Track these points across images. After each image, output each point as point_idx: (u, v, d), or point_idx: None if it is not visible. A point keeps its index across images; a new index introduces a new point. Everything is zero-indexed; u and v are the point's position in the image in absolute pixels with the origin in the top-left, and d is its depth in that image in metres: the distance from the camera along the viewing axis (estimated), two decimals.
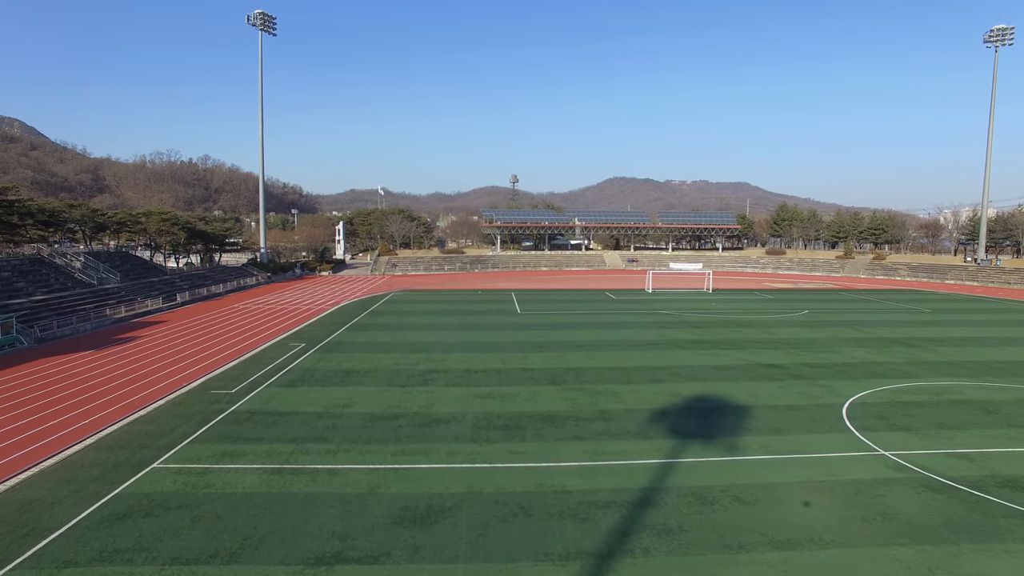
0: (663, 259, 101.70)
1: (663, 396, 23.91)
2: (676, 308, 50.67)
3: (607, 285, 72.05)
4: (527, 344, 34.28)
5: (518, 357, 30.86)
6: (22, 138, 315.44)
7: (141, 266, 56.57)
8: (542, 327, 40.50)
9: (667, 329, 39.88)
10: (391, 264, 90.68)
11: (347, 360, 29.98)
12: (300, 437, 18.81)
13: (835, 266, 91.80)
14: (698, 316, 46.05)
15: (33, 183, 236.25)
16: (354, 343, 34.53)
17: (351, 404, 22.43)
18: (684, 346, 34.15)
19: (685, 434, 19.43)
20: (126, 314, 41.08)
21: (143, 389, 24.10)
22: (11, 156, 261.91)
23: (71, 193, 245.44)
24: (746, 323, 42.93)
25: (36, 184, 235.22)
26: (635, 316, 46.03)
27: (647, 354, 31.83)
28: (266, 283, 68.86)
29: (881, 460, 17.27)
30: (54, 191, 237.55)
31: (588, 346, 33.86)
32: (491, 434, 19.31)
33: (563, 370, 28.10)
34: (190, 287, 54.27)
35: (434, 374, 27.17)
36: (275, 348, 32.93)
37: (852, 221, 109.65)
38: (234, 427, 19.72)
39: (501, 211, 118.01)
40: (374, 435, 19.06)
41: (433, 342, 34.85)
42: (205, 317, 43.76)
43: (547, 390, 24.67)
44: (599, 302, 55.20)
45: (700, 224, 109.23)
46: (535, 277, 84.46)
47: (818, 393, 24.56)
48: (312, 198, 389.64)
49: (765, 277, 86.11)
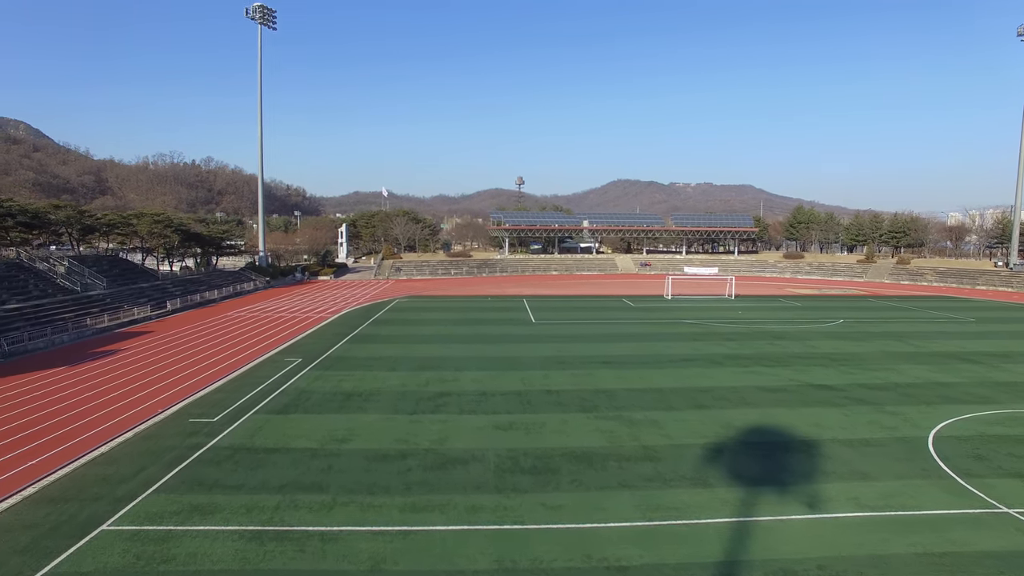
0: (677, 263, 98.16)
1: (712, 426, 20.60)
2: (701, 317, 47.27)
3: (622, 291, 68.63)
4: (547, 360, 30.97)
5: (539, 376, 27.56)
6: (25, 140, 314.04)
7: (131, 271, 53.34)
8: (561, 339, 37.19)
9: (699, 342, 36.50)
10: (395, 268, 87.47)
11: (347, 379, 26.73)
12: (289, 484, 15.57)
13: (857, 271, 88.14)
14: (728, 326, 42.63)
15: (35, 185, 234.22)
16: (355, 358, 31.27)
17: (351, 437, 19.18)
18: (722, 362, 30.78)
19: (752, 480, 16.12)
20: (109, 324, 37.92)
21: (110, 417, 20.86)
22: (13, 158, 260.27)
23: (73, 195, 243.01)
24: (781, 335, 39.52)
25: (38, 186, 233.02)
26: (660, 326, 42.66)
27: (683, 372, 28.48)
28: (264, 288, 65.60)
29: (1009, 522, 13.88)
30: (56, 193, 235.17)
31: (616, 362, 30.52)
32: (519, 480, 16.03)
33: (592, 392, 24.80)
34: (182, 293, 51.15)
35: (446, 398, 23.90)
36: (268, 364, 29.69)
37: (872, 224, 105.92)
38: (211, 469, 16.48)
39: (509, 213, 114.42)
40: (378, 481, 15.81)
41: (443, 357, 31.58)
42: (195, 327, 40.60)
43: (577, 418, 21.37)
44: (618, 310, 51.82)
45: (715, 227, 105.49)
46: (546, 282, 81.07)
47: (891, 423, 21.18)
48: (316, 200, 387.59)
49: (785, 282, 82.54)
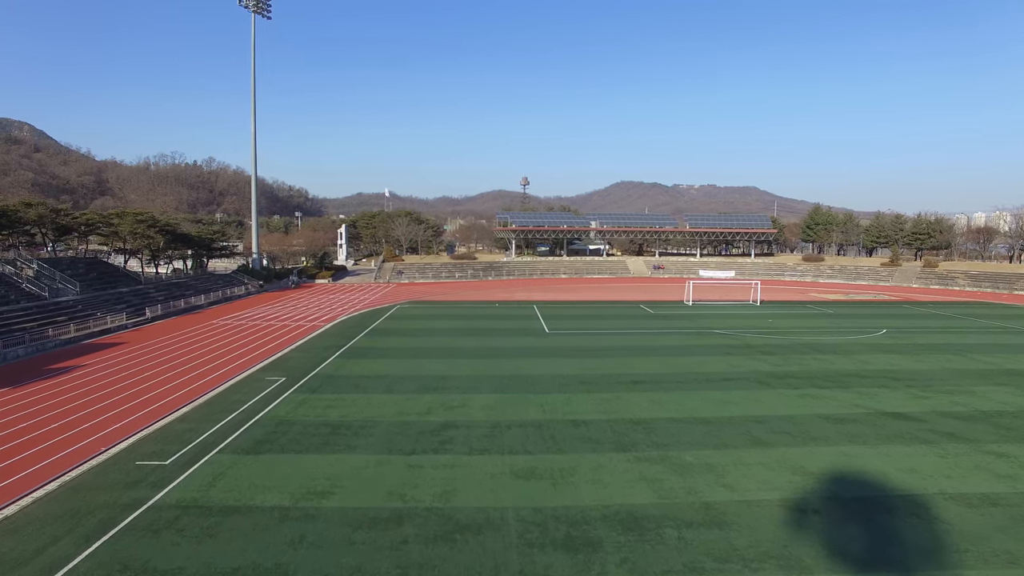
0: (691, 266, 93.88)
1: (782, 473, 16.55)
2: (729, 326, 43.15)
3: (638, 296, 64.52)
4: (568, 380, 26.93)
5: (560, 401, 23.53)
6: (27, 140, 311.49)
7: (111, 274, 49.46)
8: (580, 353, 33.13)
9: (735, 356, 32.40)
10: (397, 271, 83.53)
11: (336, 404, 22.76)
12: (245, 568, 11.59)
13: (882, 274, 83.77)
14: (761, 337, 38.52)
15: (34, 185, 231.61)
16: (348, 377, 27.29)
17: (334, 490, 15.20)
18: (769, 383, 26.69)
19: (861, 562, 12.06)
20: (76, 334, 34.03)
21: (35, 460, 16.90)
22: (12, 158, 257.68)
23: (72, 195, 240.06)
24: (824, 347, 35.40)
25: (37, 186, 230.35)
26: (686, 337, 38.58)
27: (727, 396, 24.40)
28: (257, 293, 61.64)
29: None
30: (55, 193, 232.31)
31: (646, 382, 26.46)
32: (551, 559, 12.03)
33: (625, 423, 20.76)
34: (166, 299, 47.27)
35: (452, 431, 19.89)
36: (247, 384, 25.74)
37: (893, 225, 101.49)
38: (143, 544, 12.50)
39: (516, 213, 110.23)
40: (365, 564, 11.82)
41: (448, 375, 27.58)
42: (173, 337, 36.71)
43: (614, 461, 17.34)
44: (637, 318, 47.73)
45: (731, 228, 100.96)
46: (555, 286, 76.98)
47: (1006, 469, 17.09)
48: (318, 201, 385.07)
49: (807, 287, 78.26)
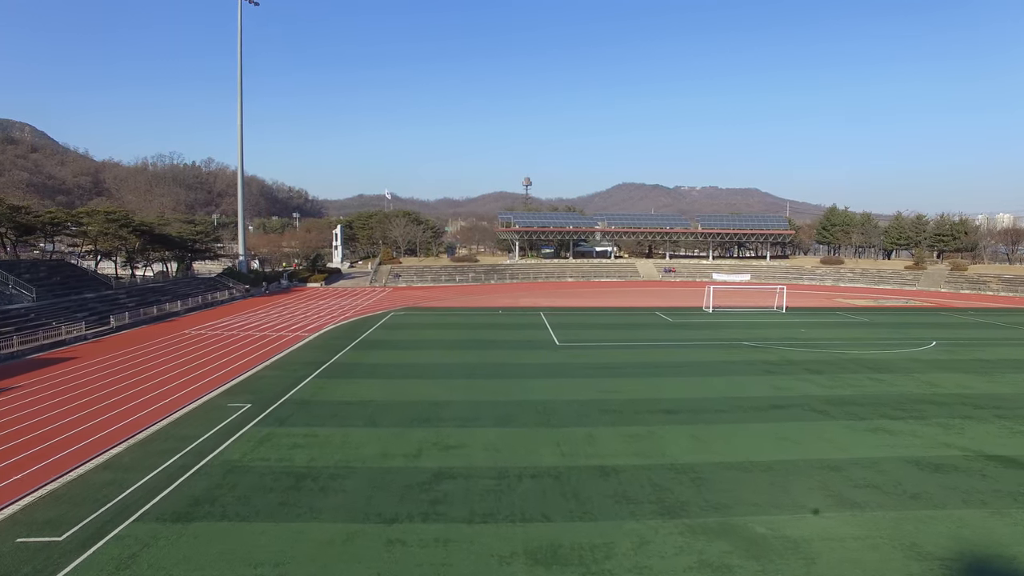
0: (704, 269, 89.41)
1: (892, 556, 12.18)
2: (760, 337, 38.75)
3: (651, 301, 60.11)
4: (587, 407, 22.54)
5: (581, 438, 19.14)
6: (24, 140, 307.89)
7: (77, 278, 45.16)
8: (597, 371, 28.77)
9: (778, 376, 28.01)
10: (394, 274, 79.22)
11: (305, 443, 18.42)
12: None
13: (907, 278, 79.25)
14: (801, 351, 34.11)
15: (29, 185, 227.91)
16: (325, 403, 22.96)
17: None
18: (827, 411, 22.28)
19: None
20: (20, 348, 29.72)
21: None
22: (8, 158, 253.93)
23: (68, 196, 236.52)
24: (876, 364, 31.00)
25: (32, 187, 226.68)
26: (716, 350, 34.18)
27: (783, 431, 19.99)
28: (241, 298, 57.25)
29: None
30: (51, 194, 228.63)
31: (681, 411, 22.08)
32: None
33: (666, 471, 16.39)
34: (137, 305, 43.00)
35: (447, 483, 15.53)
36: (201, 414, 21.41)
37: (914, 226, 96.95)
38: None
39: (520, 213, 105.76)
40: None
41: (444, 402, 23.23)
42: (135, 351, 32.44)
43: (661, 533, 12.94)
44: (655, 327, 43.32)
45: (745, 229, 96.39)
46: (562, 290, 72.59)
47: None
48: (319, 203, 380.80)
49: (831, 291, 73.78)
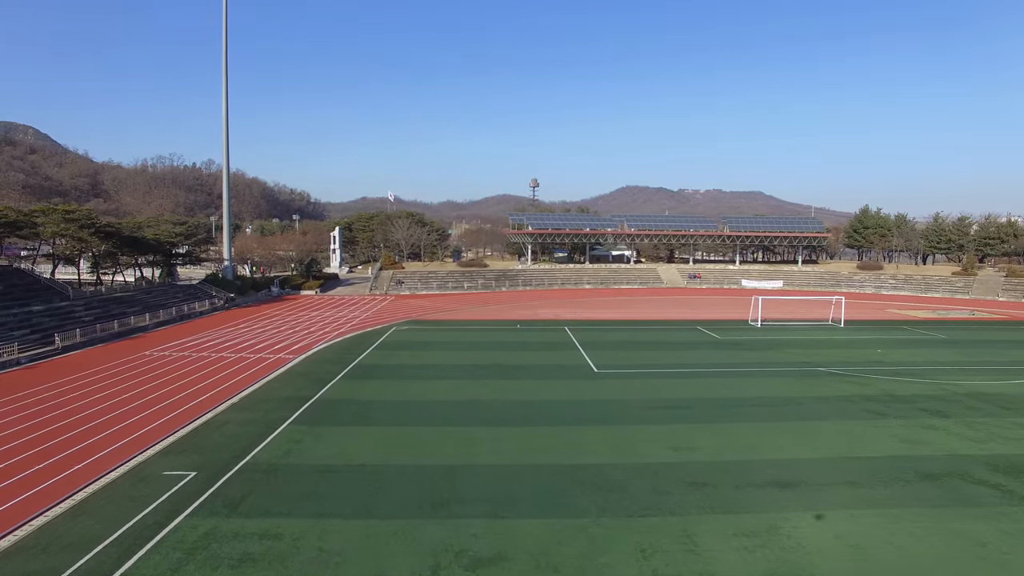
0: (731, 275, 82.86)
1: None
2: (836, 361, 32.22)
3: (685, 313, 53.59)
4: (664, 478, 16.07)
5: (675, 537, 12.68)
6: (23, 142, 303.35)
7: (26, 287, 38.87)
8: (657, 414, 22.32)
9: (893, 421, 21.50)
10: (396, 281, 72.88)
11: (259, 554, 12.00)
12: None
13: (957, 285, 72.53)
14: (898, 382, 27.60)
15: (25, 187, 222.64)
16: (299, 471, 16.57)
17: None
18: (1004, 487, 15.80)
19: None
20: None
21: None
22: (4, 159, 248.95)
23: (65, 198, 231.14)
24: (1005, 400, 24.52)
25: (28, 188, 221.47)
26: (791, 380, 27.72)
27: (965, 526, 13.49)
28: (224, 308, 50.77)
29: None
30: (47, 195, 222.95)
31: (799, 485, 15.61)
32: None
33: None
34: (96, 319, 36.82)
35: None
36: (120, 490, 15.06)
37: (956, 228, 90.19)
38: None
39: (532, 215, 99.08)
40: None
41: (464, 467, 16.84)
42: (72, 382, 26.19)
43: None
44: (704, 346, 36.84)
45: (776, 231, 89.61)
46: (582, 299, 65.98)
47: None
48: (321, 206, 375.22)
49: (879, 300, 67.07)
